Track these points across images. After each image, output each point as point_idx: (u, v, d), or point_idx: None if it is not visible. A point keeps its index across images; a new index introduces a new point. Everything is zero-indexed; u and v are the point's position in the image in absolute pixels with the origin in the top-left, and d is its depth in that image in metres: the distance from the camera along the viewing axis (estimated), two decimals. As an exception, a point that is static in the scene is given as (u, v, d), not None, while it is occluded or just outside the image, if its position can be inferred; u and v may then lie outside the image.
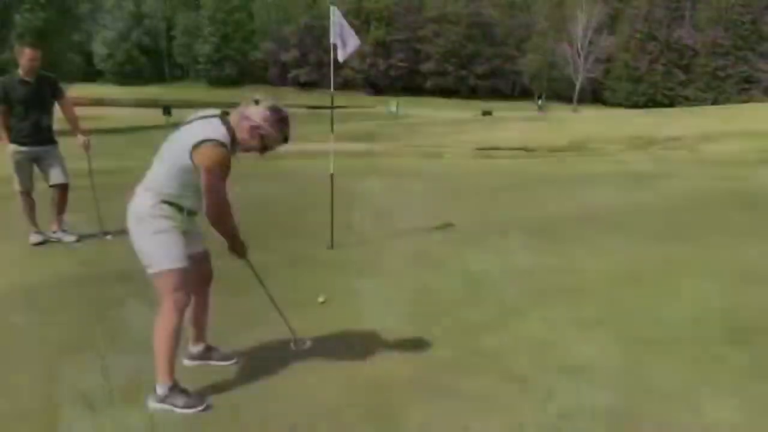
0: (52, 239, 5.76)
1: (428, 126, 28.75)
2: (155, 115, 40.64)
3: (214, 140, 2.67)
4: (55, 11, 31.87)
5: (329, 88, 6.00)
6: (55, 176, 5.64)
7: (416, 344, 3.53)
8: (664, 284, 4.76)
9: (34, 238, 5.67)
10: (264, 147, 2.81)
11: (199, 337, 3.25)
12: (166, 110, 35.79)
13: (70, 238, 5.76)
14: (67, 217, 5.90)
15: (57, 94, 5.62)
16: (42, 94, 5.50)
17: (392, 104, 52.52)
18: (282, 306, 4.03)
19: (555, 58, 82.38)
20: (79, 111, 5.95)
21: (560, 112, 50.58)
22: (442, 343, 3.56)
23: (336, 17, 5.34)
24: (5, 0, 30.46)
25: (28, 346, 3.41)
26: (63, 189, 5.70)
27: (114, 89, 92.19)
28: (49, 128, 5.64)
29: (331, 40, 5.41)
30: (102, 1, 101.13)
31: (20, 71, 5.41)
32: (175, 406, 2.76)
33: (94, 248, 5.53)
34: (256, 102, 2.79)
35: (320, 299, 4.23)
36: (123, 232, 5.95)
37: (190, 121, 2.81)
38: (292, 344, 3.38)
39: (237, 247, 2.99)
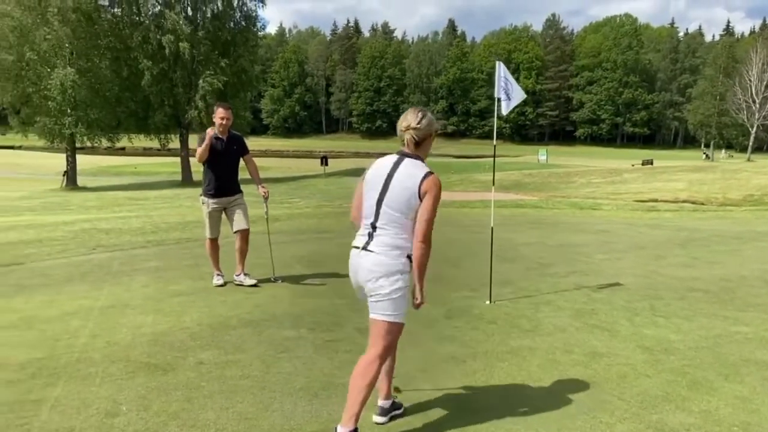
0: (234, 282, 6.19)
1: (582, 176, 27.66)
2: (314, 165, 43.55)
3: (432, 171, 2.88)
4: (233, 74, 35.65)
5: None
6: (239, 223, 6.12)
7: (592, 414, 3.30)
8: None
9: (217, 280, 6.20)
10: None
11: (388, 391, 3.25)
12: (324, 160, 38.12)
13: (250, 282, 6.14)
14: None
15: (244, 151, 6.19)
16: (231, 150, 6.06)
17: (541, 152, 51.49)
18: (440, 360, 4.02)
19: (725, 104, 75.79)
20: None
21: (732, 162, 46.23)
22: (621, 415, 3.29)
23: (501, 72, 5.38)
24: (192, 66, 34.70)
25: (214, 382, 3.67)
26: (245, 234, 6.17)
27: (277, 141, 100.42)
28: (237, 180, 6.21)
29: (496, 95, 5.44)
30: (271, 62, 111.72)
31: (215, 129, 6.02)
32: None
33: (267, 291, 5.92)
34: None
35: None
36: (291, 276, 6.34)
37: (391, 170, 2.91)
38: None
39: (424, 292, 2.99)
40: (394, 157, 2.98)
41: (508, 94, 5.47)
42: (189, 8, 35.70)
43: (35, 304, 5.48)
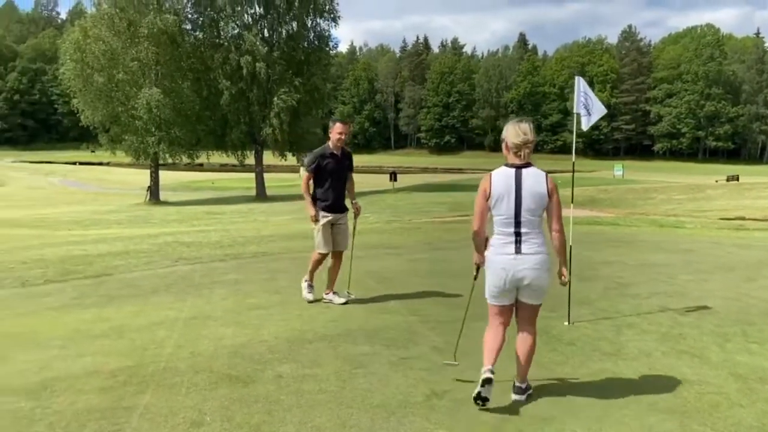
0: (323, 300, 6.08)
1: (661, 192, 26.53)
2: (382, 180, 43.90)
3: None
4: (306, 92, 36.62)
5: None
6: (342, 242, 6.05)
7: (682, 445, 3.12)
8: None
9: (309, 294, 6.10)
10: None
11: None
12: (393, 176, 38.35)
13: (340, 301, 6.03)
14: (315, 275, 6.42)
15: (351, 167, 6.11)
16: (343, 166, 5.98)
17: (617, 167, 49.86)
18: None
19: (819, 115, 70.90)
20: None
21: (828, 176, 43.13)
22: (715, 448, 3.10)
23: (581, 86, 5.26)
24: (268, 85, 35.93)
25: (292, 396, 3.73)
26: (341, 255, 6.08)
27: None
28: (345, 197, 6.14)
29: (575, 110, 5.32)
30: (342, 80, 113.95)
31: (330, 144, 5.93)
32: (528, 393, 3.71)
33: (342, 307, 5.96)
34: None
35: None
36: (364, 292, 6.35)
37: (517, 184, 3.48)
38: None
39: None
40: (509, 171, 3.52)
41: (588, 109, 5.34)
42: (265, 30, 37.07)
43: (125, 313, 5.78)
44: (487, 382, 3.44)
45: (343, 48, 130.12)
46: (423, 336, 4.99)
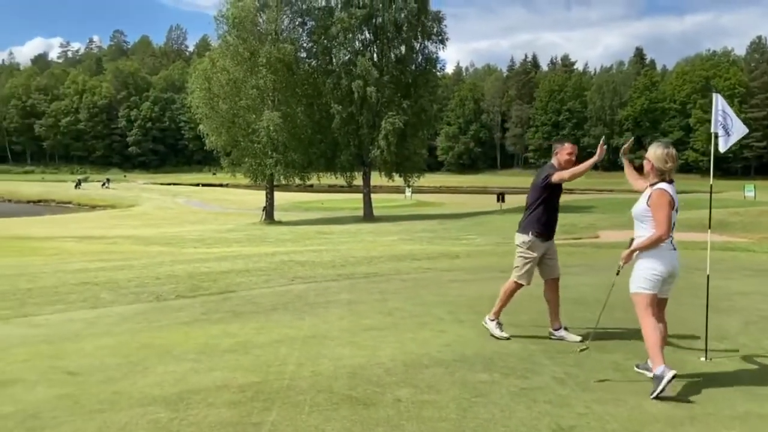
0: (553, 336, 5.57)
1: (802, 215, 24.04)
2: (488, 201, 43.34)
3: None
4: (413, 114, 37.08)
5: None
6: (555, 269, 5.66)
7: None
8: None
9: (501, 331, 5.57)
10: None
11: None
12: (500, 197, 37.76)
13: (574, 339, 5.42)
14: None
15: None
16: (562, 188, 5.62)
17: (749, 188, 45.92)
18: (652, 420, 3.65)
19: None
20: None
21: None
22: None
23: (719, 104, 4.89)
24: (377, 108, 36.76)
25: (413, 422, 3.69)
26: (557, 281, 5.65)
27: (452, 178, 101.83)
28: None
29: (712, 129, 4.95)
30: (448, 100, 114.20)
31: (556, 165, 5.47)
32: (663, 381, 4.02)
33: (455, 331, 5.87)
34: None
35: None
36: (478, 316, 6.19)
37: (669, 201, 4.25)
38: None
39: None
40: (672, 187, 4.29)
41: (727, 129, 4.94)
42: (375, 54, 38.04)
43: (248, 330, 6.04)
44: (670, 380, 4.03)
45: (449, 69, 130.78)
46: (543, 366, 4.79)
